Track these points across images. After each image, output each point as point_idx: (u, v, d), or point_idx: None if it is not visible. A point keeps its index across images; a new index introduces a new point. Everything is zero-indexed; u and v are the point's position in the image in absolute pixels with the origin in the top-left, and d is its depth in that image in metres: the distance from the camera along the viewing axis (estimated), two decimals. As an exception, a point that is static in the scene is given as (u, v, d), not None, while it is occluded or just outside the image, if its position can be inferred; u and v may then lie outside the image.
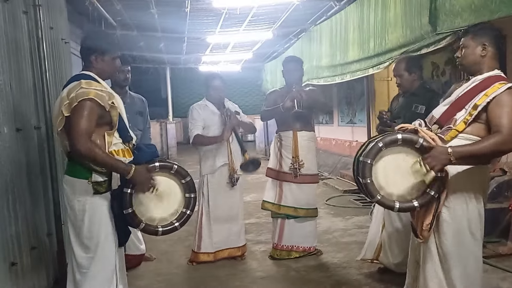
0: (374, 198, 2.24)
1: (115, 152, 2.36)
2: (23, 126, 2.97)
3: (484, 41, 2.31)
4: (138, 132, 3.83)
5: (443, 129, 2.32)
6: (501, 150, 2.19)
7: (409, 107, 3.32)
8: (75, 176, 2.35)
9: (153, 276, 3.71)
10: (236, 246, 3.99)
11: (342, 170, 8.21)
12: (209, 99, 3.94)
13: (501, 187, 4.30)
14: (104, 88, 2.35)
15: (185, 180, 2.50)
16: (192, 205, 2.52)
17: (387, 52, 4.55)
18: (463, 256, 2.31)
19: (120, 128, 2.43)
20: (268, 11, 7.04)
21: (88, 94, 2.25)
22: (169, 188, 2.48)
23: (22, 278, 2.77)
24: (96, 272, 2.37)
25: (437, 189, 2.23)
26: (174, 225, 2.49)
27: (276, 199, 3.97)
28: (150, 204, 2.42)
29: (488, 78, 2.28)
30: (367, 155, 2.21)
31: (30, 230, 2.97)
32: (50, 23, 3.61)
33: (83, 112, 2.23)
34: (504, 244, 3.79)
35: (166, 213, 2.48)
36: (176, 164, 2.49)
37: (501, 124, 2.13)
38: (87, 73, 2.41)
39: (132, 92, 4.02)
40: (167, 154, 13.20)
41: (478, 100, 2.21)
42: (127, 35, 8.02)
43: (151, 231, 2.46)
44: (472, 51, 2.32)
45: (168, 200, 2.48)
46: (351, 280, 3.46)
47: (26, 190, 2.96)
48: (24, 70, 3.11)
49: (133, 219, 2.36)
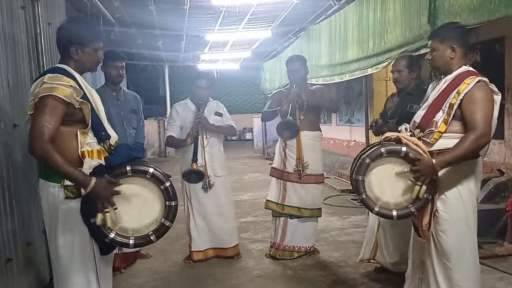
0: (373, 211, 2.36)
1: (87, 152, 2.12)
2: (20, 122, 2.96)
3: (452, 44, 2.38)
4: (132, 130, 3.79)
5: (426, 132, 2.39)
6: (480, 145, 2.27)
7: (404, 106, 3.32)
8: (47, 179, 2.13)
9: (149, 274, 3.71)
10: (226, 246, 3.96)
11: (339, 170, 8.22)
12: (192, 98, 3.92)
13: (498, 188, 4.31)
14: (74, 83, 2.11)
15: (164, 186, 2.17)
16: (172, 215, 2.20)
17: (386, 51, 4.55)
18: (462, 250, 2.36)
19: (95, 126, 2.18)
20: (267, 9, 7.03)
21: (50, 90, 2.02)
22: (145, 195, 2.17)
23: (18, 274, 2.76)
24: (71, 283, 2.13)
25: (430, 191, 2.31)
26: (150, 237, 2.18)
27: (279, 199, 3.94)
28: (121, 213, 2.12)
29: (458, 75, 2.35)
30: (358, 172, 2.35)
31: (26, 227, 2.96)
32: (48, 19, 3.59)
33: (43, 109, 2.00)
34: (501, 245, 3.80)
35: (142, 223, 2.17)
36: (152, 167, 2.16)
37: (475, 120, 2.22)
38: (60, 66, 2.19)
39: (126, 89, 3.99)
40: (164, 152, 13.18)
41: (452, 99, 2.29)
42: (125, 32, 8.00)
43: (122, 243, 2.17)
44: (442, 54, 2.40)
45: (144, 209, 2.18)
46: (348, 279, 3.46)
47: (23, 186, 2.96)
48: (22, 66, 3.10)
49: (100, 229, 2.08)
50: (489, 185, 4.34)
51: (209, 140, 3.83)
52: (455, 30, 2.41)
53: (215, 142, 3.90)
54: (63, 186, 2.09)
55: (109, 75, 3.67)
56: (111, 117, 3.60)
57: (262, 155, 12.55)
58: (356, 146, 8.48)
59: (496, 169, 4.71)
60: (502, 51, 4.72)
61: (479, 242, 2.53)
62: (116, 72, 3.65)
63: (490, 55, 4.88)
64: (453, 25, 2.51)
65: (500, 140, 4.80)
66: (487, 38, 4.79)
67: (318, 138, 4.00)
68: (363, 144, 7.21)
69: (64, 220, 2.11)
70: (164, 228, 2.21)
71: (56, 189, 2.10)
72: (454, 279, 2.34)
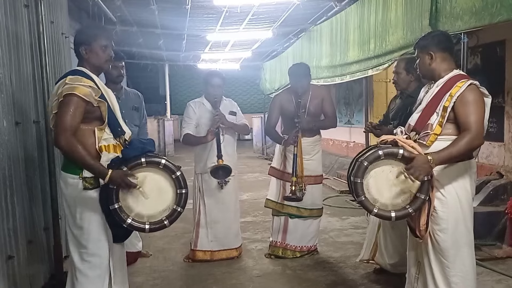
0: (372, 212, 2.39)
1: (104, 147, 2.34)
2: (22, 120, 2.97)
3: (429, 50, 2.45)
4: (134, 127, 3.81)
5: (422, 135, 2.43)
6: (473, 146, 2.34)
7: (405, 108, 3.34)
8: (67, 171, 2.34)
9: (149, 273, 3.71)
10: (233, 247, 3.99)
11: (339, 171, 8.23)
12: (207, 97, 3.92)
13: (497, 190, 4.33)
14: (92, 84, 2.32)
15: (175, 175, 2.38)
16: (183, 201, 2.41)
17: (387, 53, 4.56)
18: (459, 248, 2.40)
19: (111, 123, 2.40)
20: (268, 10, 7.05)
21: (72, 90, 2.24)
22: (158, 184, 2.38)
23: (19, 271, 2.77)
24: (87, 269, 2.34)
25: (426, 192, 2.35)
26: (164, 222, 2.38)
27: (279, 198, 3.96)
28: (138, 201, 2.35)
29: (450, 79, 2.41)
30: (356, 175, 2.37)
31: (27, 224, 2.97)
32: (51, 17, 3.60)
33: (66, 107, 2.23)
34: (500, 247, 3.81)
35: (156, 210, 2.38)
36: (164, 159, 2.38)
37: (468, 122, 2.28)
38: (78, 69, 2.40)
39: (128, 88, 4.00)
40: (164, 151, 13.18)
41: (445, 102, 2.34)
42: (126, 31, 8.01)
43: (138, 228, 2.38)
44: (422, 62, 2.50)
45: (158, 197, 2.38)
46: (347, 280, 3.47)
47: (24, 184, 2.96)
48: (24, 64, 3.11)
49: (119, 215, 2.30)
50: (488, 188, 4.35)
51: (224, 137, 3.81)
52: (432, 37, 2.50)
53: (230, 141, 3.90)
54: (81, 178, 2.30)
55: (110, 75, 3.67)
56: None
57: (261, 155, 12.56)
58: (355, 147, 8.49)
59: (495, 172, 4.72)
60: (503, 55, 4.74)
61: (478, 244, 2.56)
62: (116, 72, 3.67)
63: (490, 58, 4.90)
64: (432, 33, 2.62)
65: (499, 142, 4.82)
66: (488, 41, 4.81)
67: (318, 141, 4.01)
68: (362, 145, 7.23)
69: (83, 209, 2.33)
70: (176, 213, 2.41)
71: (75, 180, 2.31)
72: (451, 277, 2.38)
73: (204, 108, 3.90)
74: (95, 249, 2.35)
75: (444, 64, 2.44)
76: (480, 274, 2.59)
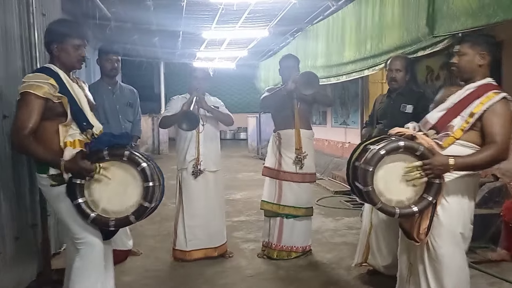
0: (376, 205, 2.26)
1: (70, 143, 2.30)
2: (10, 113, 2.89)
3: (482, 51, 2.36)
4: (128, 123, 3.78)
5: (441, 135, 2.36)
6: (496, 160, 2.26)
7: (396, 106, 3.33)
8: (38, 171, 2.34)
9: (140, 272, 3.65)
10: (213, 246, 3.86)
11: (333, 171, 8.20)
12: (189, 91, 3.83)
13: (492, 193, 4.30)
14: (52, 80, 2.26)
15: (140, 167, 2.25)
16: (151, 195, 2.27)
17: (383, 53, 4.54)
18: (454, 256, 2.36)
19: (76, 118, 2.35)
20: (265, 8, 7.01)
21: (27, 88, 2.21)
22: (125, 177, 2.29)
23: (6, 268, 2.72)
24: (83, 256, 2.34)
25: (434, 194, 2.26)
26: (129, 218, 2.29)
27: (275, 199, 3.88)
28: (103, 196, 2.28)
29: (481, 86, 2.33)
30: (369, 162, 2.21)
31: (15, 220, 2.90)
32: (42, 9, 3.52)
33: (21, 106, 2.21)
34: (494, 250, 3.79)
35: (123, 206, 2.29)
36: (128, 150, 2.27)
37: (496, 134, 2.21)
38: (46, 66, 2.36)
39: (123, 83, 3.96)
40: (158, 150, 13.10)
41: (474, 109, 2.26)
42: (121, 27, 7.93)
43: (103, 224, 2.30)
44: (471, 60, 2.37)
45: (125, 191, 2.29)
46: (340, 281, 3.44)
47: (11, 179, 2.89)
48: (13, 57, 3.03)
49: (82, 210, 2.26)
50: (483, 190, 4.33)
51: (204, 128, 3.74)
52: (486, 38, 2.43)
53: (210, 133, 3.81)
54: (48, 176, 2.28)
55: (104, 69, 3.69)
56: (106, 110, 3.60)
57: (256, 155, 12.51)
58: (350, 148, 8.46)
59: (490, 174, 4.70)
60: (500, 56, 4.72)
61: (472, 246, 2.54)
62: (110, 65, 3.66)
63: (487, 60, 4.88)
64: (485, 35, 2.53)
65: (494, 145, 4.80)
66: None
67: (311, 137, 3.99)
68: (357, 146, 7.19)
69: (57, 205, 2.34)
70: (142, 209, 2.28)
71: (45, 179, 2.30)
72: (445, 282, 2.34)
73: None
74: (86, 238, 2.33)
75: (486, 70, 2.37)
76: (473, 277, 2.55)
